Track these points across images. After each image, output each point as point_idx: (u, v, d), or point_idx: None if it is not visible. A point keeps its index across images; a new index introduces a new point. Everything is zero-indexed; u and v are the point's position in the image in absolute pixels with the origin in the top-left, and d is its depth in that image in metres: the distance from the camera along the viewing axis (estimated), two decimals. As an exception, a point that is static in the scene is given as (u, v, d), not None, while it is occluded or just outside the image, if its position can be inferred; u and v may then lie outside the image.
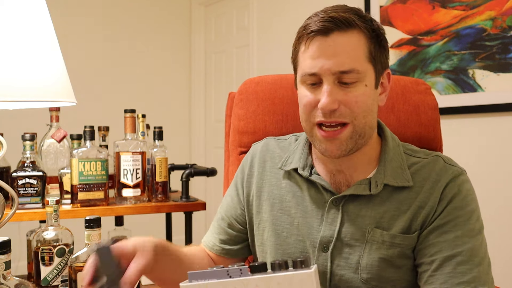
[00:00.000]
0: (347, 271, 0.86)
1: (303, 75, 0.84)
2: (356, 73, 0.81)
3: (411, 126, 1.20)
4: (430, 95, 1.24)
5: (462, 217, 0.84)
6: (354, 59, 0.81)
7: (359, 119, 0.82)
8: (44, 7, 0.99)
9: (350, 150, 0.85)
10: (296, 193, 0.93)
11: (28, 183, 1.40)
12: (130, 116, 1.55)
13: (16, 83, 0.88)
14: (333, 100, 0.80)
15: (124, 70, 3.75)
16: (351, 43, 0.81)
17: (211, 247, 1.01)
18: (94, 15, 3.61)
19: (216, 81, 4.08)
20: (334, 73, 0.81)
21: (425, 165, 0.89)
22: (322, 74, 0.81)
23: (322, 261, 0.88)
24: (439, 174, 0.87)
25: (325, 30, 0.81)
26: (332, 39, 0.81)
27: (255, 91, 1.22)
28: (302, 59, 0.86)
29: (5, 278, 0.75)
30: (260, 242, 0.96)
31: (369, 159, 0.90)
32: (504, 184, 2.09)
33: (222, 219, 1.02)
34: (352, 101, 0.81)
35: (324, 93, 0.81)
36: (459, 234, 0.82)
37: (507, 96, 2.06)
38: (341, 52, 0.81)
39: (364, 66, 0.82)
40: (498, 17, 2.09)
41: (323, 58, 0.81)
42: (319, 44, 0.82)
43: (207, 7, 4.17)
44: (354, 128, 0.83)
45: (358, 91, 0.82)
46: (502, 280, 1.79)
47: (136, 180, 1.53)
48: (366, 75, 0.83)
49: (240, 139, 1.21)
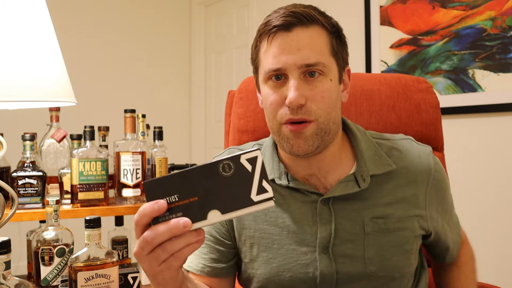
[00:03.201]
0: (353, 267, 0.85)
1: (267, 72, 0.83)
2: (321, 66, 0.81)
3: (412, 125, 1.20)
4: (431, 93, 1.23)
5: (446, 189, 0.94)
6: (318, 53, 0.81)
7: (323, 116, 0.82)
8: (44, 7, 0.99)
9: (318, 147, 0.83)
10: (279, 201, 0.89)
11: (28, 183, 1.40)
12: (130, 116, 1.55)
13: (16, 83, 0.88)
14: (300, 95, 0.79)
15: (124, 70, 3.75)
16: (314, 37, 0.81)
17: (201, 270, 0.92)
18: (94, 15, 3.61)
19: (216, 81, 4.08)
20: (299, 66, 0.80)
21: (400, 147, 0.91)
22: (287, 69, 0.80)
23: (325, 263, 0.85)
24: (418, 153, 0.91)
25: (287, 25, 0.81)
26: (294, 34, 0.81)
27: (255, 90, 1.21)
28: (264, 57, 0.84)
29: (5, 278, 0.75)
30: (249, 258, 0.91)
31: (340, 159, 0.89)
32: (504, 184, 2.09)
33: (208, 239, 0.93)
34: (318, 96, 0.81)
35: (290, 88, 0.80)
36: (449, 200, 0.95)
37: (507, 96, 2.06)
38: (305, 46, 0.80)
39: (328, 60, 0.82)
40: (498, 17, 2.09)
41: (287, 53, 0.80)
42: (281, 40, 0.81)
43: (207, 7, 4.17)
44: (318, 125, 0.81)
45: (324, 86, 0.81)
46: (502, 280, 1.79)
47: (136, 180, 1.53)
48: (331, 70, 0.83)
49: (240, 138, 1.21)
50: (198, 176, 0.60)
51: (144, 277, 1.62)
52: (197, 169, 0.60)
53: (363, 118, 1.19)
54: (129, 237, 1.79)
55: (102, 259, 0.87)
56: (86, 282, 0.85)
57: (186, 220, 0.59)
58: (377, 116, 1.20)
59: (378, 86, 1.22)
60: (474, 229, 1.40)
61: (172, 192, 0.60)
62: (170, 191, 0.60)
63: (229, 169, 0.60)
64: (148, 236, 0.60)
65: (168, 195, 0.60)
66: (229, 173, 0.60)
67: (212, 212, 0.60)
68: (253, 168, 0.60)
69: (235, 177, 0.60)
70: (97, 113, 3.35)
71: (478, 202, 2.15)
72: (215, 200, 0.60)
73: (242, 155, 0.60)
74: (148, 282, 1.61)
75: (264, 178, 0.60)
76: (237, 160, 0.60)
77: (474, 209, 2.14)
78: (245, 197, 0.60)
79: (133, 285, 1.02)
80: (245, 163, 0.60)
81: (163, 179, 0.61)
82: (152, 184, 0.61)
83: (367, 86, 1.21)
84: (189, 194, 0.60)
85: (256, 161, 0.60)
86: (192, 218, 0.60)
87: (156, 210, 0.59)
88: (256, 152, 0.60)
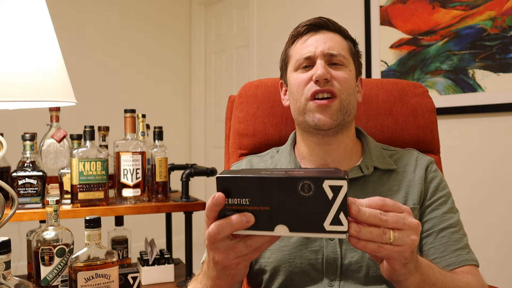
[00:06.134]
0: (355, 253, 0.91)
1: (298, 60, 0.98)
2: (342, 57, 0.96)
3: (409, 129, 1.22)
4: (427, 98, 1.26)
5: (444, 197, 0.97)
6: (340, 48, 0.97)
7: (345, 94, 0.95)
8: (44, 7, 0.99)
9: (339, 123, 0.95)
10: None
11: (28, 183, 1.40)
12: (130, 116, 1.55)
13: (16, 83, 0.88)
14: (326, 71, 0.94)
15: (124, 70, 3.75)
16: (337, 38, 0.99)
17: None
18: (94, 15, 3.61)
19: (216, 81, 4.08)
20: (325, 54, 0.95)
21: (403, 155, 1.03)
22: (315, 55, 0.96)
23: (331, 248, 0.91)
24: (418, 160, 1.01)
25: (315, 26, 0.99)
26: (321, 33, 0.98)
27: (255, 94, 1.24)
28: (294, 51, 1.00)
29: (5, 278, 0.75)
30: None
31: (351, 152, 1.01)
32: (504, 184, 2.09)
33: None
34: (341, 77, 0.95)
35: (318, 66, 0.94)
36: (445, 210, 0.95)
37: (507, 96, 2.06)
38: (329, 40, 0.97)
39: (348, 56, 0.98)
40: (498, 17, 2.09)
41: (315, 45, 0.97)
42: (310, 36, 0.99)
43: (207, 7, 4.17)
44: (342, 102, 0.94)
45: (345, 72, 0.96)
46: (502, 280, 1.79)
47: (136, 180, 1.53)
48: (350, 64, 0.99)
49: (240, 141, 1.22)
50: (275, 188, 0.58)
51: (144, 277, 1.62)
52: (275, 180, 0.58)
53: (360, 122, 1.21)
54: (129, 237, 1.79)
55: (102, 259, 0.87)
56: (86, 282, 0.85)
57: (249, 215, 0.59)
58: (374, 120, 1.22)
59: (375, 91, 1.25)
60: (474, 228, 1.40)
61: (244, 195, 0.59)
62: (241, 193, 0.59)
63: (308, 190, 0.57)
64: (211, 231, 0.61)
65: (239, 197, 0.59)
66: (307, 194, 0.57)
67: (280, 226, 0.59)
68: (334, 196, 0.57)
69: (313, 200, 0.57)
70: (97, 113, 3.36)
71: (478, 202, 2.15)
72: (286, 215, 0.58)
73: (326, 180, 0.56)
74: (148, 283, 1.61)
75: (343, 211, 0.57)
76: (319, 184, 0.57)
77: (474, 209, 2.14)
78: (317, 222, 0.57)
79: (133, 285, 1.03)
80: (327, 188, 0.57)
81: (238, 179, 0.59)
82: (225, 182, 0.59)
83: (365, 91, 1.24)
84: (261, 202, 0.59)
85: (339, 191, 0.56)
86: (259, 226, 0.59)
87: (215, 203, 0.59)
88: (343, 181, 0.56)
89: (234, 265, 0.65)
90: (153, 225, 2.96)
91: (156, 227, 2.90)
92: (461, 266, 0.89)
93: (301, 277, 0.92)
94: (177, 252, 2.13)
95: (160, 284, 1.62)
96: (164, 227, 2.06)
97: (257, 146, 1.22)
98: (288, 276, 0.93)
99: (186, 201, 1.64)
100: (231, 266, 0.65)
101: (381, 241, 0.59)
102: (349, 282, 0.90)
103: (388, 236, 0.60)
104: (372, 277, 0.90)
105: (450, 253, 0.90)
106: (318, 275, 0.92)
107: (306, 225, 0.58)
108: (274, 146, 1.17)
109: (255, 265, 0.97)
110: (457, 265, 0.89)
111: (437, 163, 1.24)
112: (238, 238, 0.62)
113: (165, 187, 1.62)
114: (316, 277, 0.92)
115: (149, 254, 1.65)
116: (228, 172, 0.61)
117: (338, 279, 0.91)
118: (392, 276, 0.67)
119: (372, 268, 0.90)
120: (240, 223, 0.59)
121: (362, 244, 0.59)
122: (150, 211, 1.56)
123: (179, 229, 2.17)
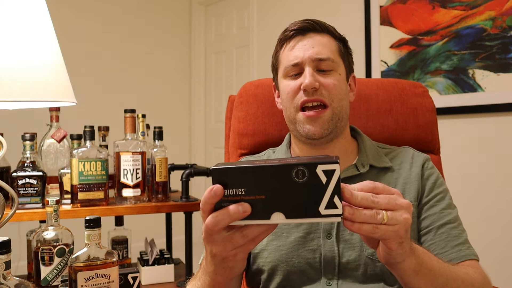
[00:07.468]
0: (353, 251, 0.91)
1: (286, 67, 0.97)
2: (331, 61, 0.95)
3: (409, 129, 1.22)
4: (427, 97, 1.26)
5: (442, 193, 0.97)
6: (328, 51, 0.96)
7: (336, 102, 0.94)
8: (44, 7, 0.99)
9: (331, 132, 0.95)
10: None
11: (28, 183, 1.40)
12: (130, 116, 1.55)
13: (16, 83, 0.88)
14: (315, 80, 0.93)
15: (124, 70, 3.75)
16: (325, 40, 0.97)
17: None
18: (94, 15, 3.61)
19: (216, 81, 4.08)
20: (313, 60, 0.94)
21: (398, 153, 1.04)
22: (303, 62, 0.95)
23: (329, 247, 0.92)
24: (414, 157, 1.01)
25: (303, 29, 0.97)
26: (309, 37, 0.97)
27: (255, 94, 1.24)
28: (283, 57, 1.00)
29: (5, 278, 0.75)
30: (259, 249, 0.96)
31: (346, 152, 1.01)
32: (504, 184, 2.09)
33: None
34: (330, 83, 0.94)
35: (306, 75, 0.93)
36: (443, 206, 0.95)
37: (507, 96, 2.06)
38: (317, 45, 0.96)
39: (337, 58, 0.97)
40: (498, 17, 2.09)
41: (303, 50, 0.96)
42: (298, 41, 0.97)
43: (207, 7, 4.17)
44: (333, 111, 0.94)
45: (334, 77, 0.95)
46: (502, 280, 1.79)
47: (136, 180, 1.53)
48: (339, 66, 0.97)
49: (240, 141, 1.23)
50: (269, 176, 0.58)
51: (144, 277, 1.62)
52: (269, 168, 0.58)
53: (360, 122, 1.21)
54: (129, 237, 1.79)
55: (102, 259, 0.87)
56: (86, 282, 0.85)
57: (246, 205, 0.59)
58: (374, 120, 1.22)
59: (375, 91, 1.25)
60: (474, 228, 1.40)
61: (239, 185, 0.59)
62: (237, 184, 0.59)
63: (302, 176, 0.58)
64: (209, 222, 0.61)
65: (234, 187, 0.59)
66: (301, 180, 0.58)
67: (276, 214, 0.59)
68: (328, 181, 0.57)
69: (307, 185, 0.58)
70: (97, 113, 3.36)
71: (478, 202, 2.15)
72: (282, 203, 0.59)
73: (319, 165, 0.57)
74: (148, 283, 1.61)
75: (337, 194, 0.58)
76: (312, 169, 0.57)
77: (474, 208, 2.14)
78: (313, 207, 0.58)
79: (133, 285, 1.03)
80: (320, 173, 0.58)
81: (232, 170, 0.59)
82: (220, 173, 0.59)
83: (365, 91, 1.24)
84: (256, 191, 0.59)
85: (333, 175, 0.57)
86: (256, 215, 0.60)
87: (213, 195, 0.59)
88: (335, 165, 0.57)
89: (231, 256, 0.65)
90: (153, 225, 2.96)
91: (156, 227, 2.90)
92: (462, 261, 0.89)
93: (299, 277, 0.93)
94: (177, 252, 2.13)
95: (160, 284, 1.61)
96: (164, 227, 2.06)
97: (257, 146, 1.22)
98: (286, 275, 0.93)
99: (186, 201, 1.64)
100: (228, 258, 0.65)
101: (375, 222, 0.60)
102: (347, 280, 0.91)
103: (381, 216, 0.61)
104: (370, 275, 0.90)
105: (450, 249, 0.90)
106: (316, 274, 0.92)
107: (302, 211, 0.59)
108: (274, 146, 1.17)
109: (253, 265, 0.97)
110: (458, 260, 0.89)
111: (437, 163, 1.24)
112: (234, 229, 0.62)
113: (165, 187, 1.62)
114: (314, 276, 0.92)
115: (149, 254, 1.65)
116: (223, 164, 0.61)
117: (336, 278, 0.91)
118: (389, 258, 0.67)
119: (369, 266, 0.90)
120: (237, 213, 0.59)
121: (357, 226, 0.60)
122: (150, 211, 1.55)
123: (179, 229, 2.17)
